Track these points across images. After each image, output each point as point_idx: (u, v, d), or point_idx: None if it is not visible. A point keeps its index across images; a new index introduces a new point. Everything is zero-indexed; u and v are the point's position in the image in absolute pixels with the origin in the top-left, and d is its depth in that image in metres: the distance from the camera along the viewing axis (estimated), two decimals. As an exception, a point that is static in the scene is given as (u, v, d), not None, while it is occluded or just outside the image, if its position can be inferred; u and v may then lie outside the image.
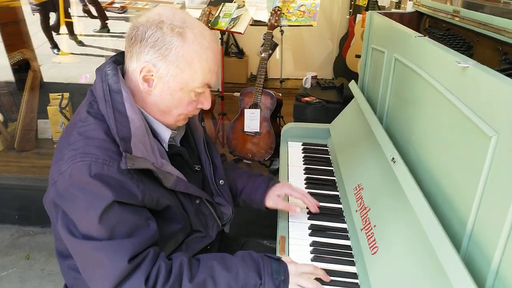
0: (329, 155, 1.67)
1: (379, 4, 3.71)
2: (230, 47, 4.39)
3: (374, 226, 1.08)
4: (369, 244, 1.06)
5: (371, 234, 1.07)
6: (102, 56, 4.51)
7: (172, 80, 0.96)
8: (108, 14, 5.25)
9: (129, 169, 0.89)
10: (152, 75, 0.96)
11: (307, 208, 1.28)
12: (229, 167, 1.39)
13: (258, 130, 2.71)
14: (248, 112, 2.73)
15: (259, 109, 2.71)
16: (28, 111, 2.93)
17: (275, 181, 1.31)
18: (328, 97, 2.82)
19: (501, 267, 0.68)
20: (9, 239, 2.49)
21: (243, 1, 2.87)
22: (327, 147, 1.74)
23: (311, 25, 2.86)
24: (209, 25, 2.82)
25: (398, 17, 1.71)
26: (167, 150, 1.05)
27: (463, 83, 0.84)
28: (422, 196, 0.89)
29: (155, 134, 1.03)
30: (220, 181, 1.23)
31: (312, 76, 3.12)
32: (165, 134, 1.04)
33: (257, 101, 2.71)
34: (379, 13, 1.65)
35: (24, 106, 2.92)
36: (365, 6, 4.01)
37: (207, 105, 1.05)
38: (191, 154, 1.18)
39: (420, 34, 1.16)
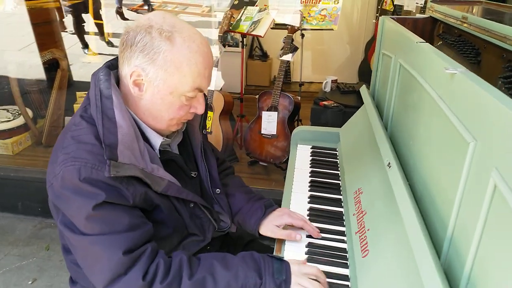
0: (337, 159, 1.68)
1: (404, 8, 3.66)
2: (254, 50, 4.43)
3: (368, 229, 1.08)
4: (361, 247, 1.06)
5: (364, 237, 1.08)
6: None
7: (162, 84, 0.96)
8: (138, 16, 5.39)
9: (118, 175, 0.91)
10: (142, 80, 0.97)
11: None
12: (232, 183, 1.37)
13: (275, 133, 2.73)
14: (265, 115, 2.76)
15: (276, 112, 2.74)
16: (56, 108, 3.06)
17: (272, 209, 1.26)
18: (347, 101, 2.82)
19: (473, 271, 0.68)
20: (32, 230, 2.61)
21: (265, 5, 2.89)
22: (337, 151, 1.75)
23: (332, 29, 2.87)
24: (230, 28, 2.86)
25: (411, 23, 1.70)
26: (159, 156, 1.06)
27: (451, 89, 0.84)
28: (409, 200, 0.90)
29: (147, 140, 1.04)
30: (217, 190, 1.24)
31: (332, 80, 3.12)
32: (156, 142, 1.05)
33: (275, 103, 2.74)
34: (392, 18, 1.64)
35: (52, 104, 3.05)
36: (392, 10, 3.97)
37: (200, 110, 1.06)
38: (187, 161, 1.19)
39: (422, 40, 1.16)
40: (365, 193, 1.23)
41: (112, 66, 1.05)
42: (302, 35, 2.97)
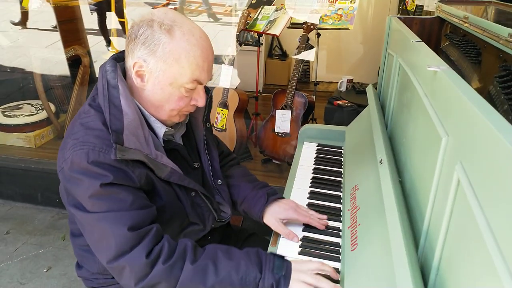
0: (342, 157, 1.70)
1: (424, 9, 3.62)
2: (274, 49, 4.46)
3: (359, 224, 1.11)
4: (351, 241, 1.09)
5: (355, 232, 1.10)
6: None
7: (162, 75, 1.02)
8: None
9: (123, 159, 0.97)
10: (144, 71, 1.02)
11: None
12: (236, 173, 1.41)
13: (288, 131, 2.75)
14: (279, 113, 2.79)
15: (290, 111, 2.76)
16: (77, 103, 3.16)
17: (275, 197, 1.28)
18: (362, 101, 2.82)
19: (441, 264, 0.70)
20: (50, 220, 2.72)
21: (282, 4, 2.92)
22: (342, 149, 1.76)
23: (348, 29, 2.87)
24: (247, 27, 2.90)
25: (419, 23, 1.70)
26: (163, 144, 1.12)
27: (433, 87, 0.86)
28: (393, 195, 0.92)
29: (151, 128, 1.10)
30: (218, 181, 1.28)
31: (348, 80, 3.13)
32: (160, 130, 1.11)
33: (289, 102, 2.76)
34: (399, 17, 1.65)
35: (74, 99, 3.15)
36: (413, 10, 3.94)
37: (201, 102, 1.10)
38: (190, 152, 1.24)
39: (418, 39, 1.17)
40: (361, 189, 1.25)
41: (119, 58, 1.11)
42: (318, 35, 2.98)
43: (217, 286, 0.98)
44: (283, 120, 2.79)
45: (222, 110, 2.88)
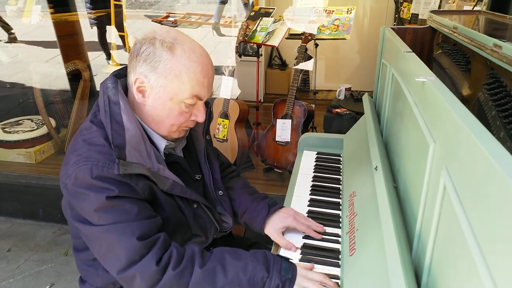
0: (340, 164, 1.74)
1: (419, 17, 3.68)
2: (274, 59, 4.52)
3: (357, 230, 1.14)
4: (349, 246, 1.12)
5: (353, 237, 1.14)
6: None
7: (162, 90, 1.05)
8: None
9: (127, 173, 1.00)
10: (145, 86, 1.06)
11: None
12: (236, 185, 1.44)
13: (289, 140, 2.80)
14: (279, 122, 2.83)
15: (290, 120, 2.81)
16: (78, 118, 3.19)
17: (276, 208, 1.32)
18: (360, 108, 2.85)
19: (432, 266, 0.74)
20: (51, 236, 2.74)
21: (280, 16, 2.98)
22: (341, 157, 1.81)
23: (345, 38, 2.92)
24: (246, 38, 2.96)
25: (412, 33, 1.75)
26: (164, 158, 1.15)
27: (422, 96, 0.90)
28: (387, 200, 0.96)
29: (152, 142, 1.13)
30: (219, 192, 1.31)
31: (346, 88, 3.18)
32: (161, 144, 1.14)
33: (289, 111, 2.81)
34: (392, 28, 1.70)
35: (74, 113, 3.19)
36: (409, 19, 3.99)
37: (200, 118, 1.14)
38: (191, 164, 1.27)
39: (409, 50, 1.22)
40: (358, 196, 1.28)
41: (119, 75, 1.14)
42: (316, 45, 3.03)
43: (227, 287, 1.02)
44: (283, 129, 2.84)
45: (223, 121, 2.93)
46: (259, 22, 3.03)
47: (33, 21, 3.54)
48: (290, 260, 1.10)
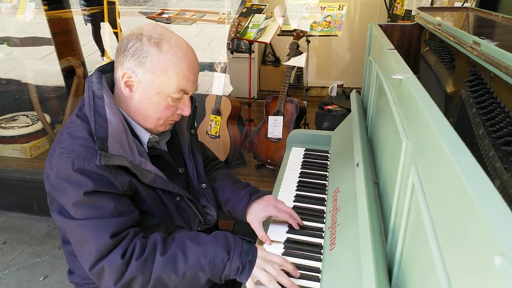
0: (328, 160, 1.75)
1: (413, 13, 3.69)
2: (267, 56, 4.52)
3: (338, 225, 1.16)
4: (330, 241, 1.14)
5: (334, 232, 1.15)
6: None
7: (150, 85, 1.08)
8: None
9: (107, 164, 1.02)
10: (132, 81, 1.09)
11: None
12: (219, 176, 1.46)
13: (281, 137, 2.81)
14: (271, 119, 2.84)
15: (282, 116, 2.82)
16: (72, 114, 3.21)
17: (257, 195, 1.34)
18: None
19: (402, 259, 0.75)
20: (46, 229, 2.77)
21: (271, 12, 2.99)
22: (329, 153, 1.82)
23: (336, 35, 2.93)
24: (238, 35, 2.97)
25: (399, 29, 1.76)
26: (147, 151, 1.17)
27: (399, 93, 0.91)
28: (365, 196, 0.97)
29: (136, 136, 1.16)
30: (203, 185, 1.34)
31: (338, 85, 3.18)
32: (144, 137, 1.16)
33: (281, 108, 2.82)
34: (380, 24, 1.71)
35: (69, 109, 3.21)
36: (403, 15, 4.00)
37: (186, 112, 1.17)
38: (175, 157, 1.29)
39: (392, 47, 1.22)
40: (341, 191, 1.30)
41: (105, 70, 1.17)
42: (308, 41, 3.04)
43: (188, 271, 1.04)
44: (275, 126, 2.85)
45: (215, 117, 2.94)
46: (251, 19, 3.04)
47: (27, 18, 3.53)
48: (251, 241, 1.13)
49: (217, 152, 2.97)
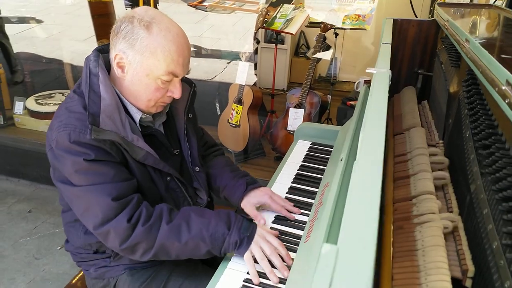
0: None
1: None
2: (301, 47, 4.48)
3: (317, 218, 1.14)
4: (307, 233, 1.13)
5: (312, 225, 1.14)
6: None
7: (139, 67, 1.11)
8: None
9: (100, 139, 1.06)
10: (124, 62, 1.12)
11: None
12: (219, 163, 1.49)
13: (300, 129, 2.78)
14: (292, 112, 2.82)
15: (303, 109, 2.79)
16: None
17: (254, 186, 1.38)
18: (376, 102, 2.80)
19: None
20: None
21: (301, 3, 2.95)
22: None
23: (365, 29, 2.86)
24: (265, 25, 2.95)
25: (416, 25, 1.69)
26: (140, 129, 1.20)
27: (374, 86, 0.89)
28: (335, 192, 0.95)
29: (130, 115, 1.19)
30: (196, 168, 1.36)
31: (365, 80, 3.10)
32: (136, 116, 1.20)
33: (303, 101, 2.79)
34: (394, 19, 1.66)
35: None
36: None
37: (176, 94, 1.19)
38: (170, 139, 1.32)
39: (389, 42, 1.19)
40: (329, 186, 1.28)
41: (103, 50, 1.22)
42: (336, 34, 2.98)
43: (190, 241, 1.10)
44: (295, 119, 2.82)
45: (237, 106, 2.95)
46: (280, 9, 3.01)
47: (68, 1, 3.67)
48: (252, 220, 1.18)
49: (236, 141, 2.99)
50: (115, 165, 1.12)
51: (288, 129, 2.82)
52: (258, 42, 2.94)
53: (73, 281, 1.48)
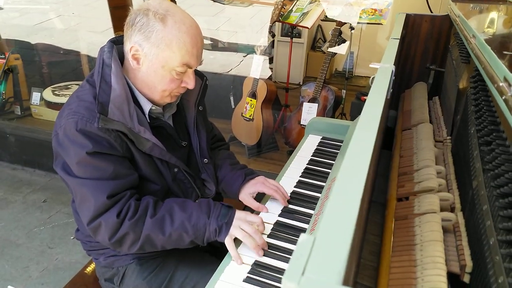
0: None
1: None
2: (318, 41, 4.46)
3: (322, 212, 1.16)
4: (312, 227, 1.14)
5: (317, 219, 1.15)
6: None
7: (155, 58, 1.13)
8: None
9: (107, 128, 1.09)
10: (139, 54, 1.14)
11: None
12: (221, 156, 1.52)
13: (314, 124, 2.78)
14: (306, 106, 2.82)
15: (317, 104, 2.79)
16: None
17: (251, 176, 1.41)
18: (390, 98, 2.78)
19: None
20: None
21: (317, -3, 2.94)
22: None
23: (381, 24, 2.83)
24: (280, 18, 2.95)
25: (429, 20, 1.68)
26: (148, 120, 1.22)
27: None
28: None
29: (140, 106, 1.21)
30: (204, 160, 1.38)
31: (380, 76, 3.08)
32: (146, 107, 1.22)
33: (317, 95, 2.79)
34: (408, 14, 1.65)
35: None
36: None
37: (191, 85, 1.21)
38: (179, 131, 1.34)
39: (397, 37, 1.18)
40: (336, 181, 1.28)
41: (117, 41, 1.24)
42: (352, 28, 2.96)
43: (174, 233, 1.14)
44: (309, 113, 2.83)
45: (251, 100, 2.96)
46: (296, 2, 3.00)
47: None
48: (230, 206, 1.21)
49: (250, 135, 3.01)
50: (116, 160, 1.14)
51: (301, 123, 2.82)
52: (273, 35, 2.95)
53: (85, 270, 1.52)
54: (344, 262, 0.36)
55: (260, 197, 1.41)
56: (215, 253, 1.40)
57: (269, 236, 1.23)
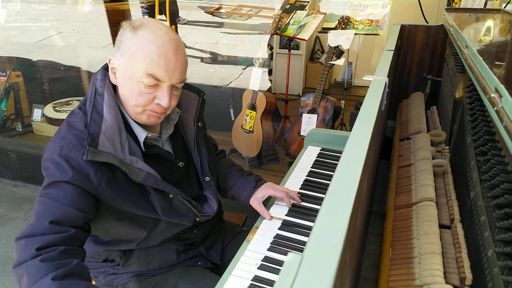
0: (340, 161, 1.72)
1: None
2: (316, 53, 4.48)
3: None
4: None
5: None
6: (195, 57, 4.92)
7: (124, 69, 1.09)
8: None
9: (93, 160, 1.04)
10: (114, 67, 1.12)
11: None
12: (225, 164, 1.51)
13: (313, 135, 2.78)
14: (305, 117, 2.83)
15: (316, 115, 2.79)
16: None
17: (262, 182, 1.43)
18: (390, 107, 2.79)
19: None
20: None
21: (313, 9, 2.96)
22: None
23: (378, 34, 2.85)
24: (278, 31, 2.97)
25: (424, 30, 1.69)
26: (143, 150, 1.17)
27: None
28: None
29: (133, 134, 1.16)
30: (206, 178, 1.34)
31: (379, 86, 3.09)
32: (140, 136, 1.17)
33: (316, 106, 2.79)
34: (402, 25, 1.66)
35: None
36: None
37: (163, 102, 1.11)
38: (177, 151, 1.30)
39: (392, 48, 1.19)
40: (326, 197, 1.28)
41: None
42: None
43: None
44: (308, 124, 2.83)
45: (250, 112, 2.97)
46: (293, 15, 3.03)
47: (85, 9, 3.75)
48: None
49: (250, 147, 3.01)
50: (84, 193, 1.05)
51: (301, 134, 2.82)
52: (271, 48, 2.96)
53: None
54: (331, 281, 0.36)
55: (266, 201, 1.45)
56: (215, 270, 1.39)
57: (268, 250, 1.22)
